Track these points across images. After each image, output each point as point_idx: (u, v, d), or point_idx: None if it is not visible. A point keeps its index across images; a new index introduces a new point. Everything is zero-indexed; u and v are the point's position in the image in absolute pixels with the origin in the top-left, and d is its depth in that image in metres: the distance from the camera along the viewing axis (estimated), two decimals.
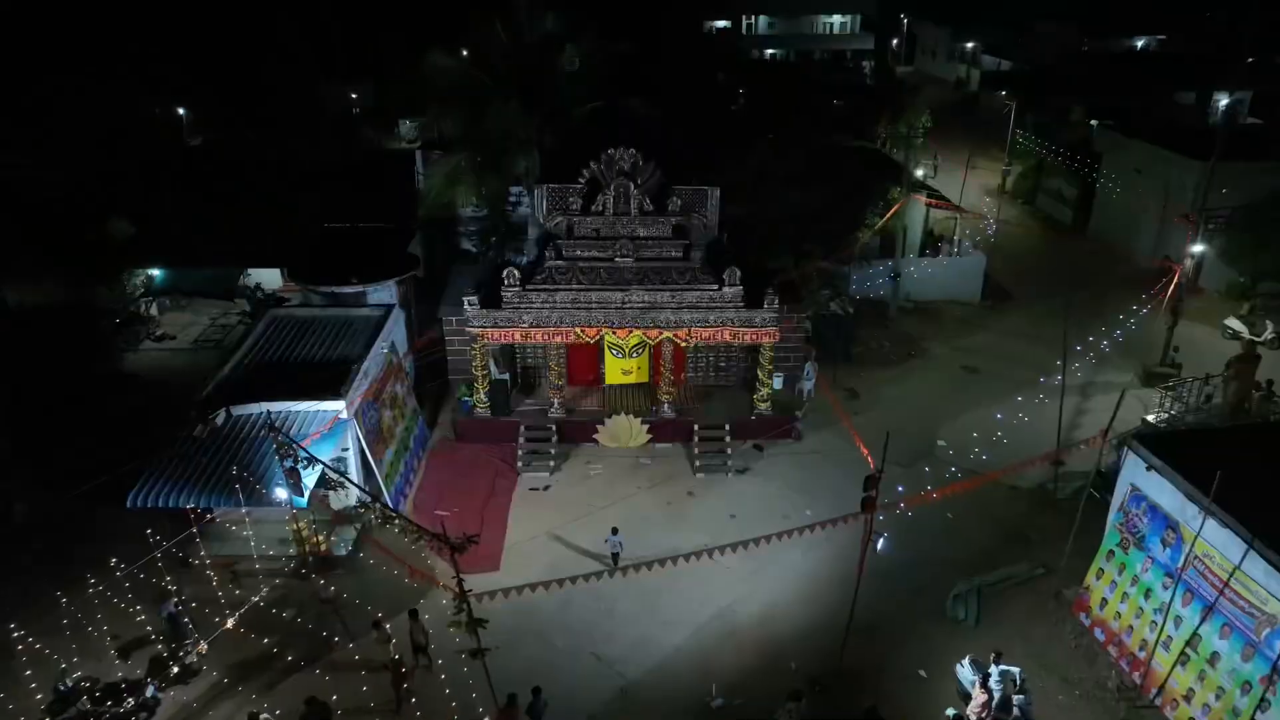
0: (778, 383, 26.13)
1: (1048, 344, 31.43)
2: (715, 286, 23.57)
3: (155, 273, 31.02)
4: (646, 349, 25.64)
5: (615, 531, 20.37)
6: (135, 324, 30.97)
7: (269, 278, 32.78)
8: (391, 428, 22.95)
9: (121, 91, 50.25)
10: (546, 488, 23.63)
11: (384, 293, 25.80)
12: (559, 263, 23.54)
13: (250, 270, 32.75)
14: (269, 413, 18.76)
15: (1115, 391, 28.08)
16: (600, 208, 23.59)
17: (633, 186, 23.38)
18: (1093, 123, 51.34)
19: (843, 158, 31.80)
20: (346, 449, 21.03)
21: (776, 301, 23.69)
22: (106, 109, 43.48)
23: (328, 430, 19.98)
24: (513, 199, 30.88)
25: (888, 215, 31.05)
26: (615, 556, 20.23)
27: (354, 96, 57.68)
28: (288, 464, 16.92)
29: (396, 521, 15.47)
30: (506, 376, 25.89)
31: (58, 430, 23.65)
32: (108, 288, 29.99)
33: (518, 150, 27.58)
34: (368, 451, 21.26)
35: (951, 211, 36.42)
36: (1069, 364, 29.24)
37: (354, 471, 21.41)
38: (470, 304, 23.48)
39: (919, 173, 38.12)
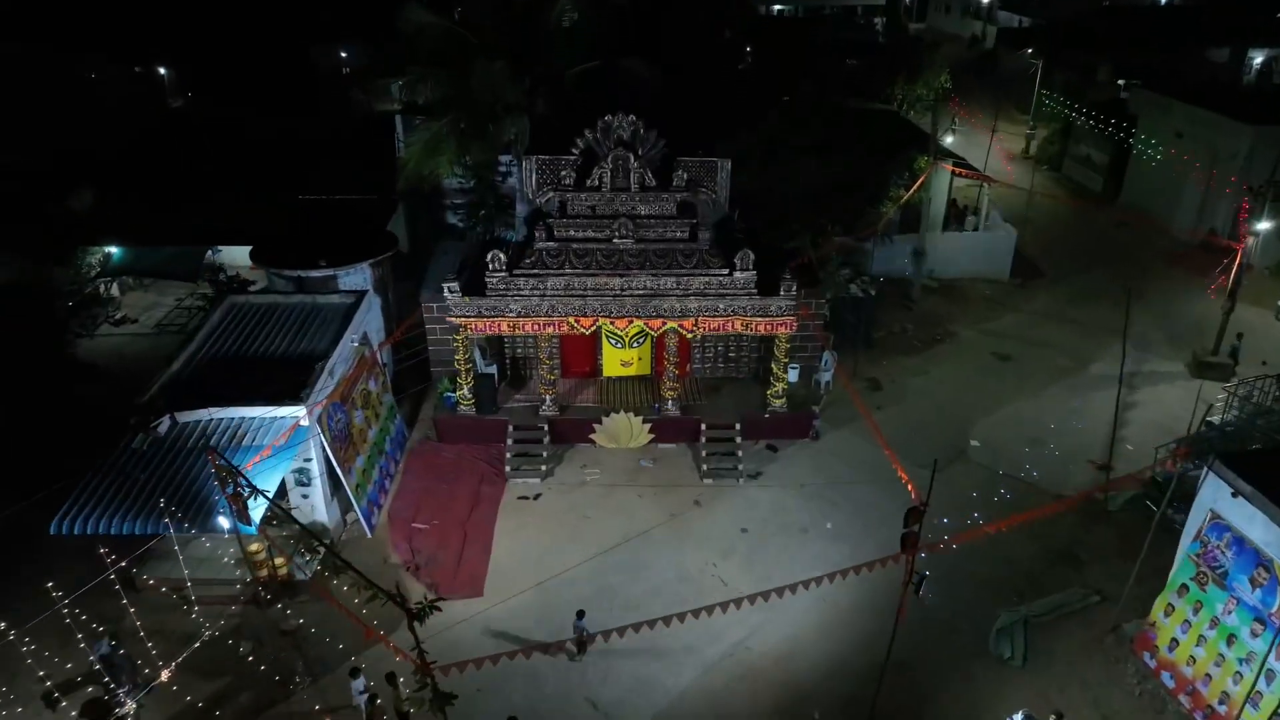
0: (792, 375, 23.65)
1: (1084, 328, 29.03)
2: (725, 271, 20.99)
3: (113, 250, 28.40)
4: (648, 338, 23.14)
5: (581, 616, 16.44)
6: (93, 306, 28.41)
7: (239, 256, 30.14)
8: (364, 430, 20.52)
9: (88, 60, 47.47)
10: (537, 496, 21.25)
11: (357, 276, 23.22)
12: (550, 244, 20.96)
13: (220, 249, 30.12)
14: (208, 438, 16.32)
15: (1164, 383, 25.77)
16: (596, 182, 20.95)
17: (633, 158, 20.72)
18: (1120, 82, 48.30)
19: (863, 123, 28.92)
20: (309, 459, 18.64)
21: (795, 288, 21.12)
22: (68, 78, 40.85)
23: (286, 439, 17.56)
24: (503, 168, 28.15)
25: (914, 187, 28.29)
26: (582, 644, 16.59)
27: (344, 56, 54.55)
28: (229, 490, 14.50)
29: (346, 566, 13.01)
30: (494, 369, 23.42)
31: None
32: (63, 266, 27.46)
33: (506, 116, 24.80)
34: (335, 461, 18.86)
35: (977, 180, 33.63)
36: (1108, 349, 26.88)
37: (319, 484, 19.04)
38: (451, 291, 20.94)
39: (947, 139, 35.17)
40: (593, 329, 21.50)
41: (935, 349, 27.86)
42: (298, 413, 17.92)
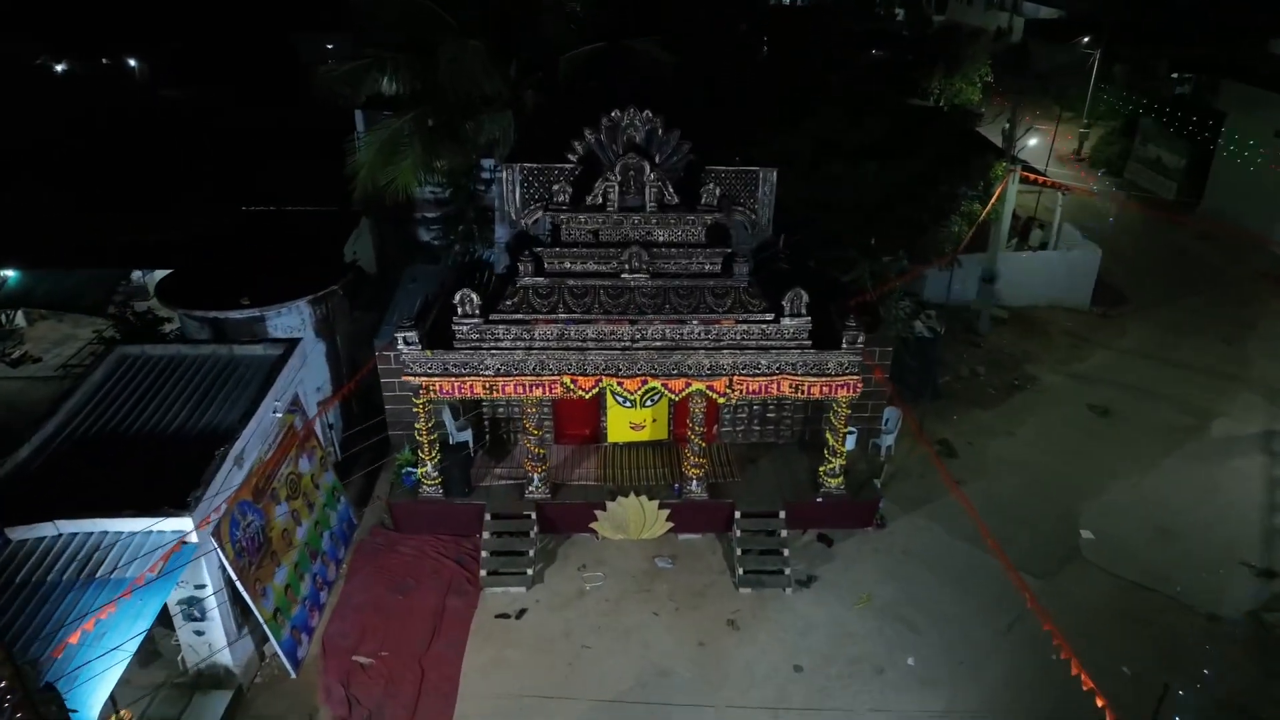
0: (849, 442, 18.49)
1: (1191, 372, 23.88)
2: (769, 317, 15.86)
3: (8, 274, 23.27)
4: (665, 397, 18.08)
5: None
6: None
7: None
8: (288, 531, 15.39)
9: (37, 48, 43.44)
10: (521, 613, 16.10)
11: (291, 318, 18.09)
12: (539, 281, 15.84)
13: (141, 274, 25.07)
14: (49, 565, 11.22)
15: None
16: (600, 199, 15.83)
17: (648, 167, 15.60)
18: (1174, 76, 43.14)
19: (924, 121, 23.81)
20: (203, 585, 13.51)
21: (860, 338, 15.99)
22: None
23: (160, 568, 12.43)
24: (486, 174, 23.07)
25: (994, 197, 23.09)
26: None
27: (329, 47, 49.51)
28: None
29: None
30: (468, 437, 18.32)
31: None
32: None
33: (484, 111, 19.71)
34: (241, 584, 13.74)
35: (1036, 187, 28.37)
36: (1232, 400, 21.85)
37: (221, 615, 13.91)
38: (407, 342, 15.81)
39: (1030, 141, 29.94)
40: (595, 391, 16.36)
41: (1014, 399, 22.71)
42: (183, 526, 12.80)
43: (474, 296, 15.71)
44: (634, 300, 15.99)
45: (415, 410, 16.68)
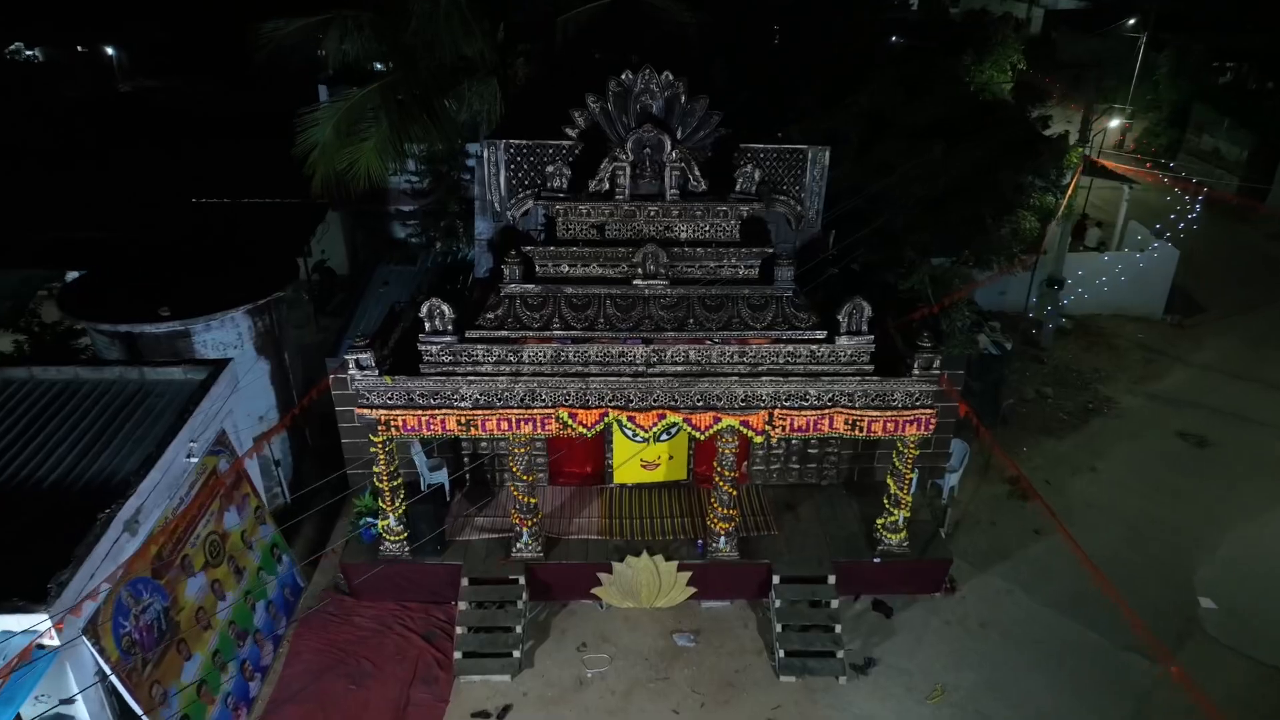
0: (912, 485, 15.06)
1: None
2: (821, 335, 12.51)
3: None
4: (682, 429, 14.75)
5: None
6: None
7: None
8: (205, 612, 11.99)
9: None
10: (504, 711, 12.70)
11: (225, 332, 14.68)
12: (529, 289, 12.49)
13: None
14: None
15: None
16: (606, 184, 12.46)
17: (669, 143, 12.22)
18: (1216, 65, 39.78)
19: (985, 106, 20.34)
20: (71, 699, 10.10)
21: (937, 363, 12.62)
22: None
23: (7, 680, 9.05)
24: (471, 163, 19.76)
25: (1069, 190, 19.66)
26: None
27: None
28: None
29: None
30: (444, 479, 14.94)
31: None
32: None
33: (465, 80, 16.33)
34: (128, 693, 10.33)
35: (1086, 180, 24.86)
36: None
37: None
38: (361, 366, 12.43)
39: (1112, 122, 26.41)
40: (599, 427, 12.98)
41: (1091, 425, 19.32)
42: (37, 625, 9.40)
43: (445, 308, 12.32)
44: (649, 313, 12.63)
45: (373, 453, 13.28)
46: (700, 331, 12.59)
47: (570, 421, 12.79)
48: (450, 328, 12.43)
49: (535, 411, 12.71)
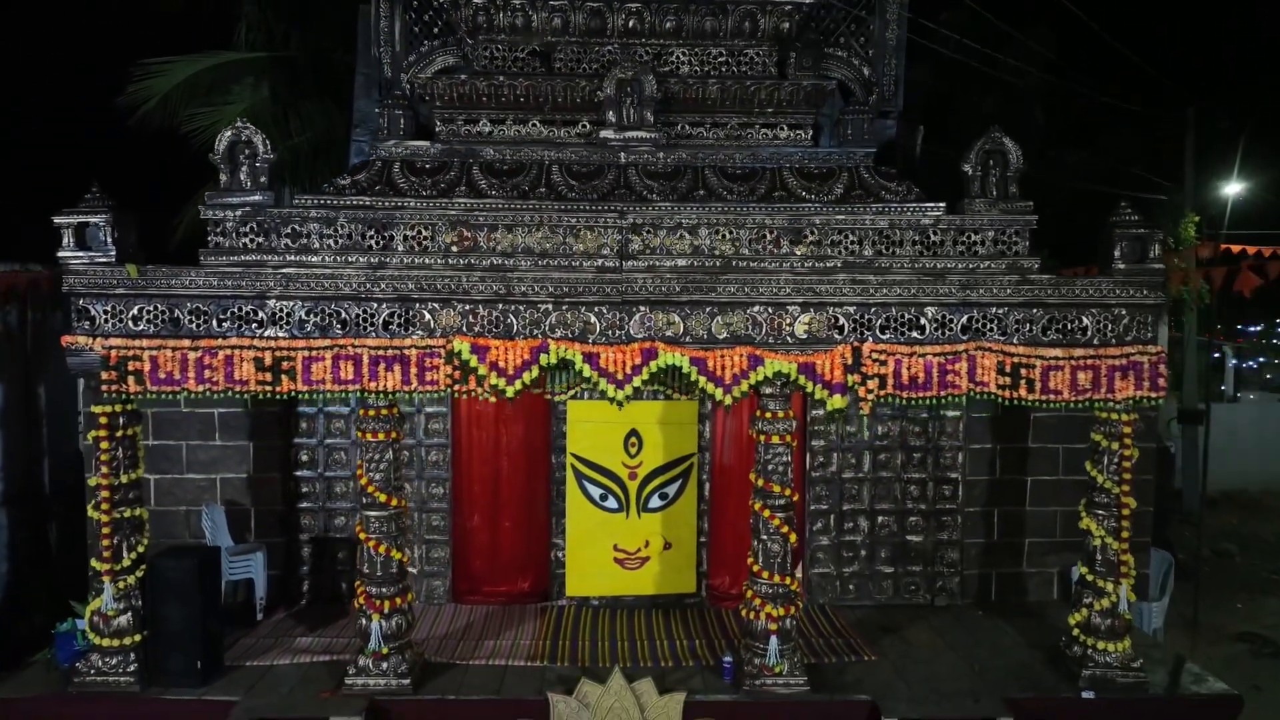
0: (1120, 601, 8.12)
1: None
2: (939, 206, 6.91)
3: None
4: (690, 485, 8.41)
5: None
6: None
7: None
8: None
9: None
10: None
11: None
12: (419, 146, 7.14)
13: None
14: None
15: None
16: None
17: None
18: None
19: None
20: None
21: (1157, 248, 6.87)
22: None
23: None
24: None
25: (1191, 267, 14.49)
26: None
27: None
28: None
29: None
30: (256, 569, 8.15)
31: None
32: None
33: None
34: None
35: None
36: None
37: None
38: (86, 242, 6.59)
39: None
40: (528, 375, 6.71)
41: None
42: None
43: (259, 139, 6.81)
44: (626, 184, 7.13)
45: (98, 452, 6.82)
46: (718, 204, 7.01)
47: (478, 364, 6.62)
48: (265, 181, 6.81)
49: (410, 342, 6.63)
